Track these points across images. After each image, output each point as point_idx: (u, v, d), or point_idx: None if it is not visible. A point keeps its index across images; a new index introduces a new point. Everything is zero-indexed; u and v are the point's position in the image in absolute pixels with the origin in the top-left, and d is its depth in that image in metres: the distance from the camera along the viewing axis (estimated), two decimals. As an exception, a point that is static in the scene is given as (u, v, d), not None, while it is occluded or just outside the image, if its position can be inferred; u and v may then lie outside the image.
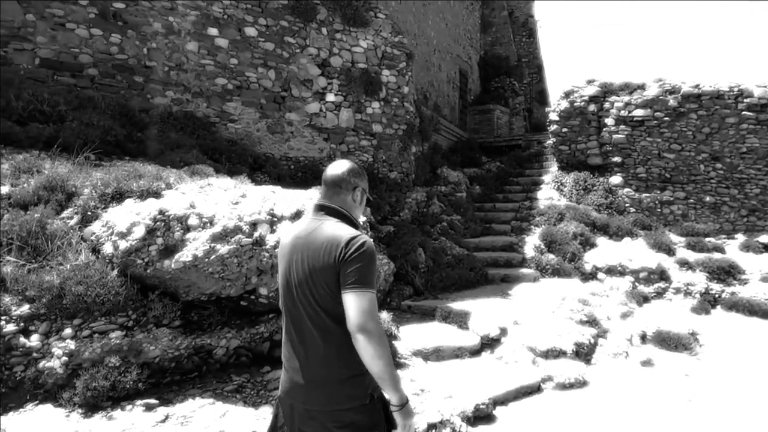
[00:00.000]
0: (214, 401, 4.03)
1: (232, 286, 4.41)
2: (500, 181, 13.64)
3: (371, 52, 10.34)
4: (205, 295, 4.40)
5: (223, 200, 4.69)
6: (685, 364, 6.54)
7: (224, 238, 4.34)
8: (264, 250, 4.45)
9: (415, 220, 9.86)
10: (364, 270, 2.02)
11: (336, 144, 9.83)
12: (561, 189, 12.55)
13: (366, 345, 1.96)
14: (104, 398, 3.82)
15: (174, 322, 4.31)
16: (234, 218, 4.45)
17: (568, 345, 6.19)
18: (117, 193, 4.85)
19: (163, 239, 4.28)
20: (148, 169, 5.12)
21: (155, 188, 4.84)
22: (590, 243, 10.39)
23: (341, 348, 2.09)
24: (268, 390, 4.33)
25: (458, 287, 8.19)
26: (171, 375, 4.27)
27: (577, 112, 12.73)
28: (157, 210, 4.35)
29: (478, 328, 6.55)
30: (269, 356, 4.79)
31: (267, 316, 4.79)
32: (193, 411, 3.91)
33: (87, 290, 3.99)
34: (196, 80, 8.51)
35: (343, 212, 2.26)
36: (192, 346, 4.28)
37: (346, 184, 2.30)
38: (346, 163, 2.41)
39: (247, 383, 4.38)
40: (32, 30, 7.36)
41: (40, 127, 6.13)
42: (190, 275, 4.26)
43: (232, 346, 4.51)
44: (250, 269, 4.40)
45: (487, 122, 18.60)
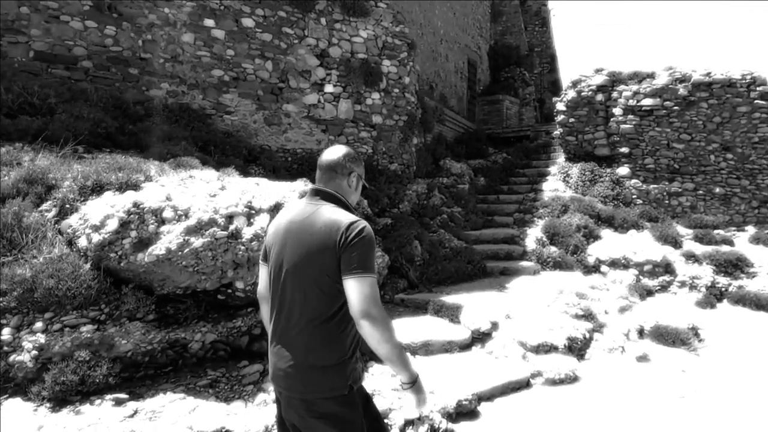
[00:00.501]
0: (185, 396, 3.99)
1: (207, 280, 4.37)
2: (506, 173, 13.45)
3: (371, 42, 10.21)
4: (180, 289, 4.36)
5: (201, 193, 4.64)
6: (682, 359, 6.36)
7: (199, 231, 4.29)
8: (240, 244, 4.39)
9: (414, 212, 9.74)
10: (365, 255, 2.03)
11: (335, 135, 9.74)
12: (567, 180, 12.34)
13: (371, 330, 1.96)
14: (73, 392, 3.80)
15: (148, 316, 4.28)
16: (209, 211, 4.40)
17: (560, 339, 6.06)
18: (97, 186, 4.82)
19: (137, 232, 4.25)
20: (129, 162, 5.09)
21: (134, 181, 4.80)
22: (594, 235, 10.19)
23: (328, 334, 2.09)
24: (242, 385, 4.29)
25: (455, 280, 8.08)
26: (145, 369, 4.24)
27: (585, 102, 12.48)
28: (131, 203, 4.31)
29: (469, 322, 6.44)
30: (248, 350, 4.75)
31: (245, 310, 4.74)
32: (162, 406, 3.88)
33: (58, 284, 3.97)
34: (192, 72, 8.47)
35: (338, 197, 2.24)
36: (166, 340, 4.25)
37: (342, 168, 2.27)
38: (342, 147, 2.37)
39: (222, 378, 4.34)
40: (26, 23, 7.37)
41: (29, 120, 6.13)
42: (163, 269, 4.21)
43: (208, 340, 4.47)
44: (225, 263, 4.35)
45: (496, 113, 18.37)
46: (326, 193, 2.24)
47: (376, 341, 1.98)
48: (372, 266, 2.04)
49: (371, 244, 2.07)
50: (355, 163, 2.34)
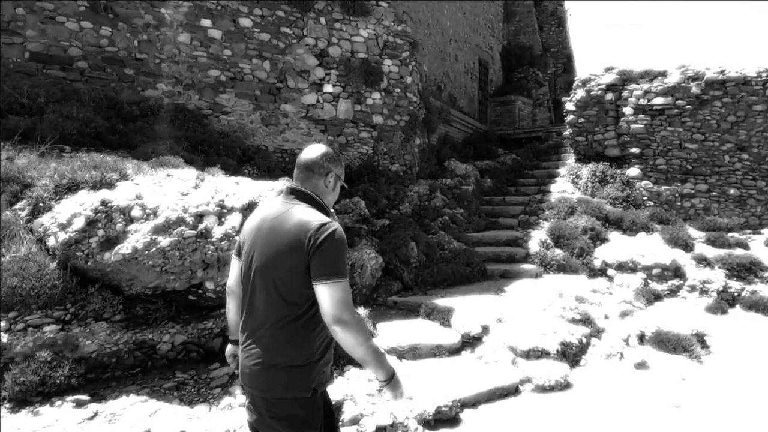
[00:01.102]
0: (148, 399, 3.90)
1: (176, 280, 4.27)
2: (514, 174, 13.21)
3: (372, 41, 10.09)
4: (149, 289, 4.27)
5: (173, 191, 4.55)
6: (684, 367, 6.09)
7: (166, 230, 4.20)
8: (209, 243, 4.29)
9: (415, 213, 9.57)
10: (335, 258, 2.01)
11: (334, 136, 9.63)
12: (576, 182, 12.05)
13: (345, 335, 1.96)
14: (33, 393, 3.73)
15: (115, 317, 4.20)
16: (178, 210, 4.31)
17: (553, 345, 5.83)
18: (73, 185, 4.76)
19: (105, 231, 4.17)
20: (106, 160, 5.03)
21: (108, 179, 4.74)
22: (601, 238, 9.91)
23: (295, 335, 2.07)
24: (210, 388, 4.18)
25: (451, 283, 7.89)
26: (112, 371, 4.16)
27: (594, 102, 12.19)
28: (99, 201, 4.24)
29: (459, 326, 6.26)
30: (221, 353, 4.62)
31: (218, 311, 4.63)
32: (123, 408, 3.78)
33: (22, 282, 3.91)
34: (188, 72, 8.45)
35: (313, 197, 2.21)
36: (132, 341, 4.16)
37: (319, 168, 2.24)
38: (321, 147, 2.34)
39: (189, 380, 4.24)
40: (22, 24, 7.41)
41: (17, 119, 6.13)
42: (130, 268, 4.13)
43: (177, 341, 4.37)
44: (194, 262, 4.25)
45: (508, 114, 18.10)
46: (301, 192, 2.21)
47: (350, 345, 1.98)
48: (343, 270, 2.02)
49: (342, 247, 2.05)
50: (333, 163, 2.31)
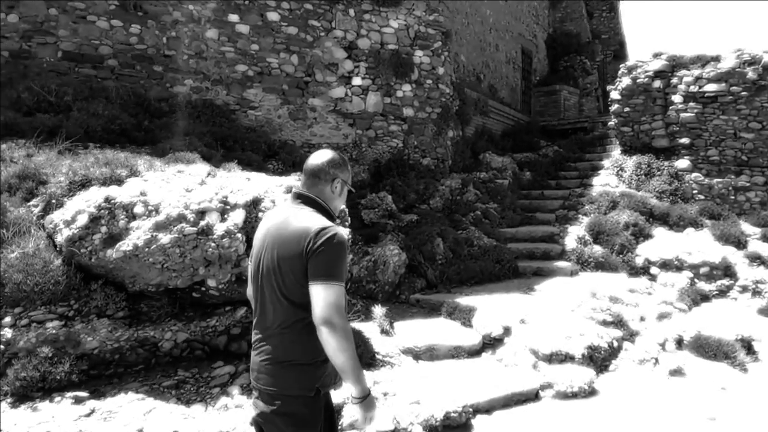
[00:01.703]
0: (145, 397, 3.87)
1: (178, 277, 4.23)
2: (555, 167, 12.71)
3: (403, 32, 9.87)
4: (152, 286, 4.25)
5: (178, 188, 4.52)
6: (724, 376, 5.64)
7: (167, 227, 4.16)
8: (210, 240, 4.23)
9: (446, 208, 9.34)
10: (333, 262, 2.04)
11: (362, 129, 9.49)
12: (620, 174, 11.48)
13: (329, 338, 1.97)
14: (34, 389, 3.76)
15: (118, 313, 4.20)
16: (180, 206, 4.26)
17: (578, 348, 5.51)
18: (86, 181, 4.81)
19: (107, 227, 4.17)
20: (118, 157, 5.06)
21: (117, 176, 4.76)
22: (645, 234, 9.38)
23: (299, 337, 2.12)
24: (209, 387, 4.13)
25: (479, 281, 7.63)
26: (115, 367, 4.17)
27: (641, 90, 11.54)
28: (103, 198, 4.24)
29: (480, 327, 6.01)
30: (226, 351, 4.59)
31: (223, 308, 4.58)
32: (120, 406, 3.77)
33: (26, 278, 3.95)
34: (215, 68, 8.48)
35: (319, 202, 2.28)
36: (134, 338, 4.15)
37: (325, 175, 2.29)
38: (327, 153, 2.38)
39: (190, 379, 4.20)
40: (55, 24, 7.61)
41: (44, 117, 6.29)
42: (131, 265, 4.12)
43: (179, 339, 4.34)
44: (194, 260, 4.20)
45: (552, 104, 17.49)
46: (307, 197, 2.27)
47: (333, 349, 1.98)
48: (339, 274, 2.05)
49: (340, 251, 2.06)
50: (339, 169, 2.33)
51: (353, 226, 8.13)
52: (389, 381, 4.82)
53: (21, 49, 7.40)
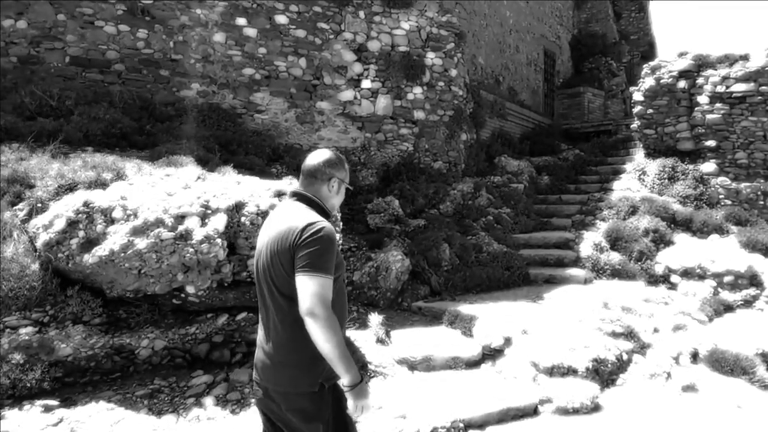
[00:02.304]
0: (116, 407, 3.77)
1: (156, 283, 4.13)
2: (575, 171, 12.32)
3: (414, 34, 9.68)
4: (129, 292, 4.16)
5: (161, 191, 4.42)
6: (742, 393, 5.27)
7: (144, 232, 4.06)
8: (189, 245, 4.11)
9: (457, 213, 9.09)
10: (318, 254, 2.07)
11: (372, 133, 9.32)
12: (642, 179, 11.04)
13: (314, 328, 2.01)
14: (4, 396, 3.69)
15: (94, 319, 4.12)
16: (158, 210, 4.16)
17: (582, 361, 5.21)
18: (73, 184, 4.76)
19: (85, 232, 4.10)
20: (106, 160, 5.01)
21: (102, 179, 4.70)
22: (666, 240, 8.97)
23: (295, 331, 2.14)
24: (184, 397, 4.00)
25: (486, 288, 7.37)
26: (91, 375, 4.08)
27: (665, 91, 11.10)
28: (81, 202, 4.17)
29: (481, 336, 5.77)
30: (208, 359, 4.46)
31: (205, 315, 4.46)
32: (89, 416, 3.67)
33: (1, 283, 3.89)
34: (222, 71, 8.44)
35: (315, 200, 2.33)
36: (109, 345, 4.06)
37: (321, 174, 2.35)
38: (324, 153, 2.42)
39: (166, 388, 4.08)
40: (63, 29, 7.67)
41: (44, 121, 6.31)
42: (108, 270, 4.03)
43: (157, 347, 4.23)
44: (171, 265, 4.09)
45: (576, 107, 17.04)
46: (303, 195, 2.33)
47: (319, 339, 2.02)
48: (325, 267, 2.07)
49: (327, 244, 2.10)
50: (335, 168, 2.38)
51: (358, 231, 7.99)
52: (378, 393, 4.62)
53: (29, 55, 7.48)
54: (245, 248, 4.41)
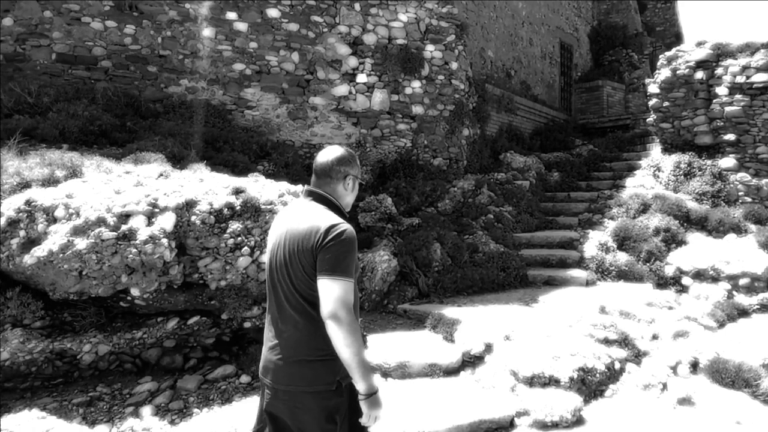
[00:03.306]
0: (48, 415, 3.57)
1: (99, 285, 3.93)
2: (588, 167, 11.82)
3: (413, 26, 9.36)
4: (73, 294, 3.96)
5: (108, 189, 4.22)
6: (742, 407, 4.82)
7: (85, 232, 3.86)
8: (132, 246, 3.90)
9: (456, 211, 8.74)
10: (341, 258, 2.05)
11: (367, 129, 9.03)
12: (657, 175, 10.51)
13: (336, 332, 1.99)
14: (-64, 402, 3.54)
15: (35, 323, 3.94)
16: (102, 209, 3.96)
17: (565, 371, 4.84)
18: (27, 183, 4.60)
19: (26, 231, 3.93)
20: (63, 157, 4.84)
21: (55, 177, 4.53)
22: (678, 240, 8.46)
23: (313, 331, 2.12)
24: (123, 405, 3.79)
25: (478, 290, 7.03)
26: (32, 380, 3.91)
27: (681, 82, 10.53)
28: (23, 200, 4.00)
29: (462, 342, 5.44)
30: (158, 364, 4.25)
31: (155, 319, 4.25)
32: (18, 424, 3.48)
33: (-65, 285, 3.74)
34: (211, 67, 8.26)
35: (330, 199, 2.30)
36: (49, 350, 3.87)
37: (336, 173, 2.30)
38: (335, 150, 2.36)
39: (107, 395, 3.88)
40: (49, 26, 7.58)
41: (19, 119, 6.21)
42: (47, 271, 3.85)
43: (101, 351, 4.03)
44: (114, 267, 3.88)
45: (595, 101, 16.44)
46: (318, 194, 2.29)
47: (340, 344, 1.99)
48: (347, 269, 2.06)
49: (349, 247, 2.08)
50: (349, 166, 2.35)
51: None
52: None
53: (15, 52, 7.42)
54: (196, 249, 4.18)
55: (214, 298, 4.24)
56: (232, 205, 4.40)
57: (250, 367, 4.26)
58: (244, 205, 4.44)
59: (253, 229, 4.38)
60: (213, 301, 4.25)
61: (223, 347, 4.66)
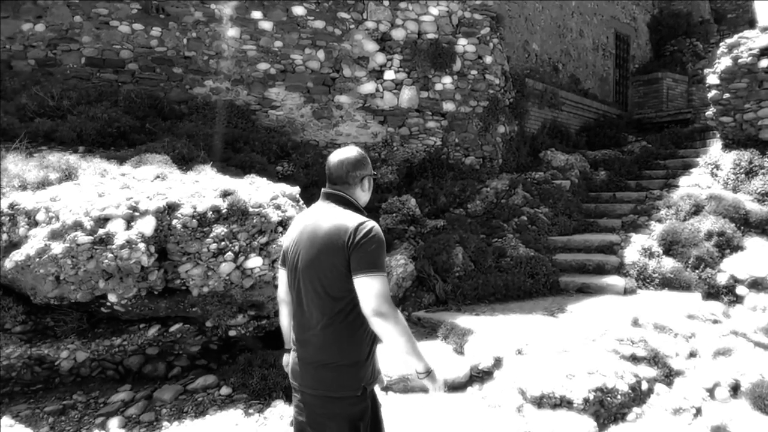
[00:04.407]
0: (16, 423, 3.51)
1: (77, 291, 3.85)
2: (640, 165, 11.01)
3: (444, 19, 8.97)
4: (53, 299, 3.90)
5: (92, 192, 4.15)
6: (788, 440, 4.21)
7: (62, 236, 3.79)
8: (108, 251, 3.79)
9: (487, 212, 8.31)
10: (374, 254, 2.08)
11: (395, 127, 8.73)
12: (715, 173, 9.63)
13: (384, 326, 2.01)
14: None
15: (15, 327, 3.91)
16: (80, 213, 3.88)
17: (580, 391, 4.38)
18: (25, 185, 4.62)
19: (8, 235, 3.90)
20: (63, 159, 4.83)
21: (50, 179, 4.51)
22: (733, 245, 7.67)
23: (340, 335, 2.13)
24: (94, 415, 3.69)
25: (502, 298, 6.60)
26: (12, 386, 3.88)
27: (744, 71, 9.60)
28: (7, 204, 3.98)
29: (472, 355, 5.06)
30: (140, 372, 4.14)
31: (137, 326, 4.14)
32: (-13, 432, 3.44)
33: None
34: (236, 67, 8.22)
35: (349, 200, 2.29)
36: (27, 355, 3.83)
37: (353, 179, 2.31)
38: (347, 156, 2.32)
39: (82, 403, 3.80)
40: (79, 30, 7.76)
41: (40, 122, 6.33)
42: (26, 276, 3.80)
43: (79, 358, 3.96)
44: (89, 272, 3.79)
45: (653, 94, 15.42)
46: (337, 196, 2.29)
47: (389, 337, 2.03)
48: (380, 264, 2.09)
49: (379, 243, 2.11)
50: (363, 168, 2.35)
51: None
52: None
53: (47, 57, 7.63)
54: (177, 254, 4.03)
55: (197, 305, 4.09)
56: (218, 209, 4.24)
57: (234, 377, 4.08)
58: (231, 207, 4.26)
59: (239, 234, 4.20)
60: (195, 308, 4.10)
61: (213, 355, 4.51)
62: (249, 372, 4.03)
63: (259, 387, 3.94)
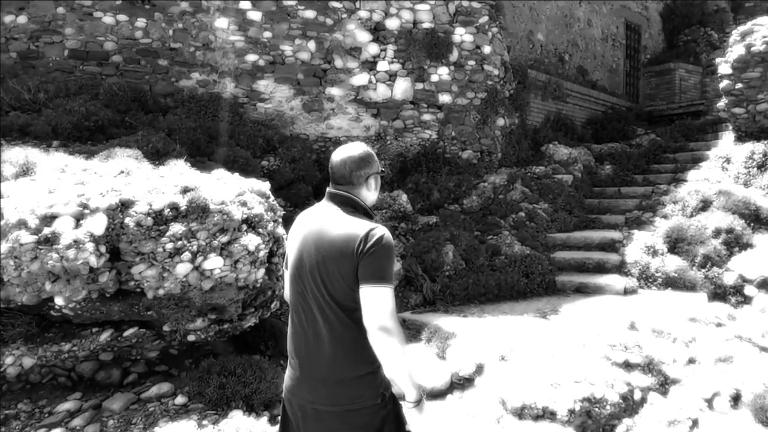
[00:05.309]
0: (-51, 435, 3.30)
1: (23, 293, 3.63)
2: (648, 159, 10.61)
3: (441, 8, 8.63)
4: (1, 302, 3.69)
5: (42, 188, 3.93)
6: (793, 457, 3.87)
7: (6, 235, 3.57)
8: (53, 251, 3.56)
9: (484, 208, 7.99)
10: (383, 264, 1.98)
11: (388, 120, 8.43)
12: (726, 167, 9.21)
13: (386, 343, 1.91)
14: None
15: (-41, 332, 3.69)
16: (25, 210, 3.65)
17: (564, 401, 4.07)
18: (-16, 182, 4.42)
19: (-48, 235, 3.68)
20: (21, 154, 4.62)
21: (5, 175, 4.30)
22: (742, 243, 7.29)
23: (351, 345, 2.03)
24: (38, 426, 3.47)
25: (494, 298, 6.30)
26: (-43, 392, 3.67)
27: (757, 60, 9.16)
28: (-49, 201, 3.76)
29: (453, 360, 4.77)
30: (93, 380, 3.92)
31: (89, 330, 3.91)
32: None
33: None
34: (224, 59, 7.96)
35: (357, 201, 2.19)
36: (-32, 362, 3.62)
37: (358, 178, 2.19)
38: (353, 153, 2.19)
39: (26, 413, 3.58)
40: (62, 22, 7.55)
41: (14, 116, 6.14)
42: (-33, 278, 3.58)
43: (26, 364, 3.74)
44: (33, 273, 3.56)
45: (666, 85, 14.93)
46: (343, 197, 2.18)
47: (390, 356, 1.92)
48: (389, 276, 1.99)
49: (389, 252, 2.01)
50: (369, 166, 2.22)
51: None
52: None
53: (29, 50, 7.44)
54: (130, 254, 3.79)
55: (152, 309, 3.85)
56: (177, 206, 3.99)
57: (190, 385, 3.84)
58: (190, 205, 4.01)
59: (198, 232, 3.95)
60: (150, 312, 3.86)
61: (175, 361, 4.28)
62: (206, 380, 3.78)
63: (216, 396, 3.69)
